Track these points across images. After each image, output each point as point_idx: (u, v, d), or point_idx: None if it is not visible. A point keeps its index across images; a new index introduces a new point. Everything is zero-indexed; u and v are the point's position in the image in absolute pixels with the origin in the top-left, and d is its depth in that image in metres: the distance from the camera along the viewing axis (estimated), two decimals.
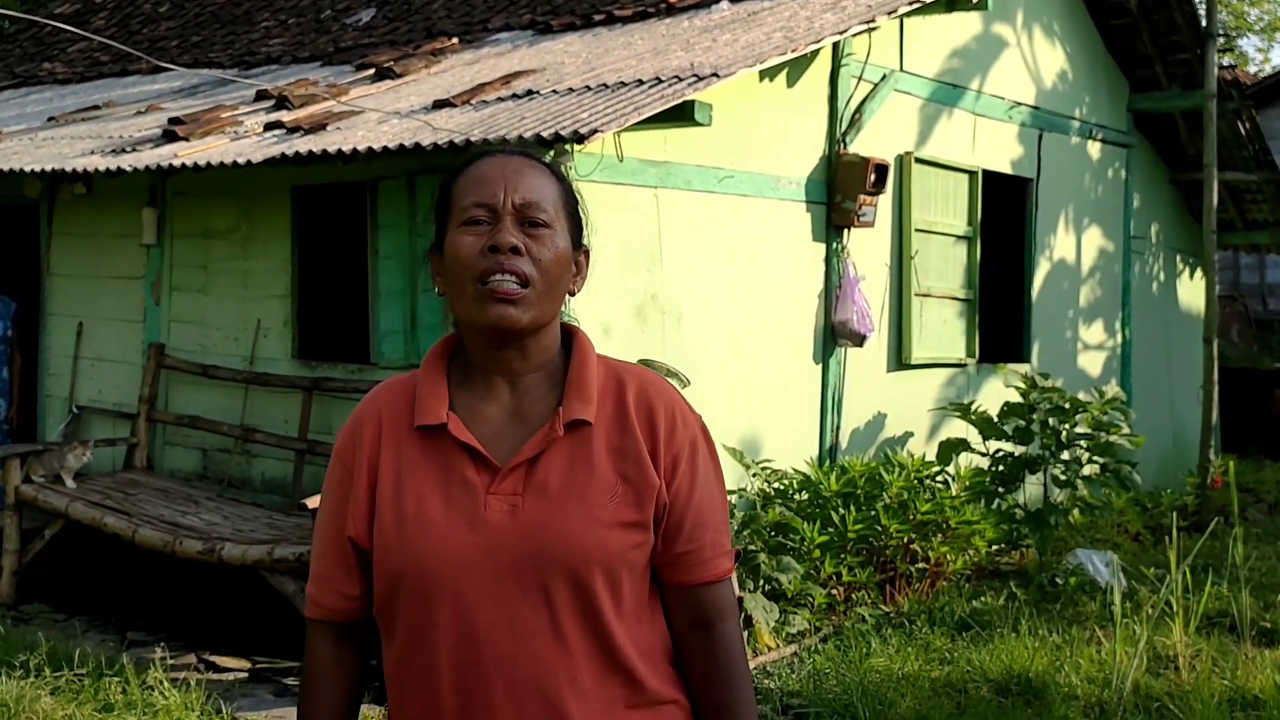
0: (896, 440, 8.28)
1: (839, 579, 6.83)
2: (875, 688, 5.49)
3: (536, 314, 1.83)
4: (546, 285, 1.83)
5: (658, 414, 1.87)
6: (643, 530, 1.83)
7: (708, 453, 1.93)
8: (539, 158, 1.92)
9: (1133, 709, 5.38)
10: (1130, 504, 8.72)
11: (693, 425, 1.91)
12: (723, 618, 1.91)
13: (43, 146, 8.27)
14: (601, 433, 1.84)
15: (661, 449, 1.85)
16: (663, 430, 1.86)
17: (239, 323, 7.51)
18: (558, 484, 1.81)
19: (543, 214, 1.84)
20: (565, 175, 1.94)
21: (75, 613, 6.84)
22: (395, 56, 8.76)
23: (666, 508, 1.85)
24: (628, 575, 1.82)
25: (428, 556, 1.80)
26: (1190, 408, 11.20)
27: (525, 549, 1.78)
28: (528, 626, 1.78)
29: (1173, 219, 11.49)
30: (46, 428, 8.36)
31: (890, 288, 8.31)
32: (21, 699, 5.04)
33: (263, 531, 6.43)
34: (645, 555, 1.84)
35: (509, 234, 1.81)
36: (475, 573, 1.79)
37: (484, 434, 1.85)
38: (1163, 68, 10.49)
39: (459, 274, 1.83)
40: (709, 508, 1.89)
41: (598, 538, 1.79)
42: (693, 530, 1.87)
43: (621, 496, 1.82)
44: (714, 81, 6.06)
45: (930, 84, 8.52)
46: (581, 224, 1.93)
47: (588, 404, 1.84)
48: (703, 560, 1.88)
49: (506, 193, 1.83)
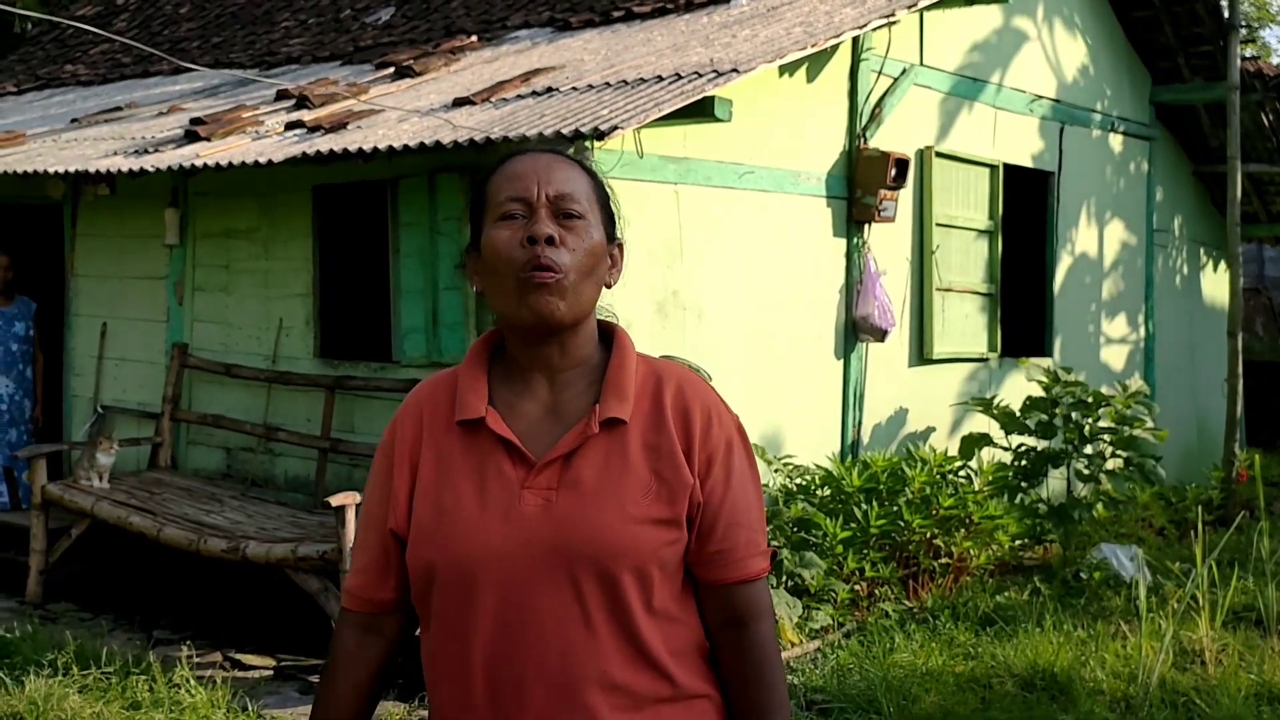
0: (918, 435, 8.26)
1: (862, 574, 6.82)
2: (899, 683, 5.48)
3: (573, 302, 1.85)
4: (581, 275, 1.86)
5: (694, 413, 1.89)
6: (675, 528, 1.84)
7: (744, 453, 1.94)
8: (569, 154, 1.97)
9: (1159, 704, 5.36)
10: (1154, 498, 8.68)
11: (729, 425, 1.92)
12: (757, 618, 1.92)
13: (66, 148, 8.32)
14: (637, 431, 1.87)
15: (696, 448, 1.87)
16: (698, 429, 1.88)
17: (261, 322, 7.54)
18: (592, 480, 1.83)
19: (576, 205, 1.87)
20: (596, 170, 1.97)
21: (101, 612, 6.89)
22: (415, 55, 8.77)
23: (701, 506, 1.87)
24: (659, 572, 1.83)
25: (461, 548, 1.83)
26: (1214, 401, 11.14)
27: (557, 543, 1.80)
28: (558, 619, 1.80)
29: (1196, 212, 11.42)
30: (72, 427, 8.41)
31: (911, 283, 8.29)
32: (50, 697, 5.08)
33: (286, 530, 6.46)
34: (678, 553, 1.86)
35: (545, 224, 1.84)
36: (508, 565, 1.81)
37: (522, 429, 1.88)
38: (1185, 59, 10.42)
39: (498, 267, 1.86)
40: (744, 506, 1.90)
41: (629, 534, 1.81)
42: (727, 529, 1.88)
43: (655, 494, 1.84)
44: (734, 77, 6.06)
45: (950, 78, 8.49)
46: (614, 217, 1.96)
47: (624, 402, 1.87)
48: (736, 559, 1.89)
49: (540, 186, 1.86)
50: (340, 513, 5.70)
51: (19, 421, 8.50)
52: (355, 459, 7.01)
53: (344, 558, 5.67)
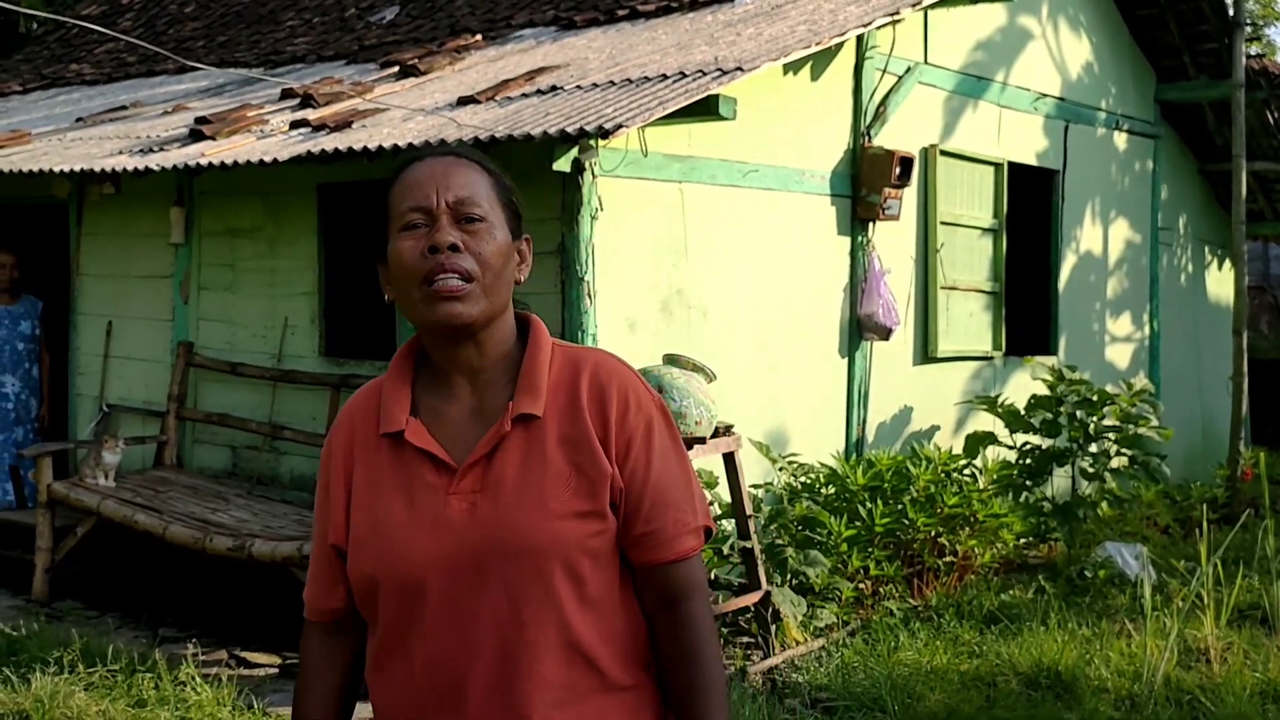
0: (923, 433, 8.26)
1: (866, 573, 6.82)
2: (904, 681, 5.48)
3: (485, 306, 1.86)
4: (491, 277, 1.86)
5: (610, 398, 1.89)
6: (598, 519, 1.85)
7: (666, 431, 1.93)
8: (469, 154, 1.95)
9: (1164, 702, 5.35)
10: (1159, 497, 8.68)
11: (648, 406, 1.92)
12: (689, 595, 1.92)
13: (71, 147, 8.33)
14: (554, 424, 1.87)
15: (614, 433, 1.87)
16: (614, 414, 1.88)
17: (266, 320, 7.55)
18: (512, 479, 1.84)
19: (477, 209, 1.87)
20: (496, 169, 1.96)
21: (107, 610, 6.90)
22: (419, 54, 8.78)
23: (623, 491, 1.88)
24: (589, 564, 1.84)
25: (396, 559, 1.85)
26: (1219, 400, 11.14)
27: (484, 546, 1.82)
28: (493, 620, 1.82)
29: (1201, 210, 11.42)
30: (77, 426, 8.42)
31: (916, 281, 8.28)
32: (56, 695, 5.09)
33: (292, 528, 6.47)
34: (607, 542, 1.86)
35: (446, 233, 1.84)
36: (439, 572, 1.83)
37: (447, 434, 1.90)
38: (1190, 57, 10.42)
39: (404, 279, 1.87)
40: (668, 486, 1.90)
41: (553, 530, 1.82)
42: (652, 510, 1.89)
43: (575, 487, 1.84)
44: (738, 75, 6.06)
45: (955, 76, 8.49)
46: (519, 213, 1.96)
47: (535, 398, 1.87)
48: (665, 539, 1.89)
49: (439, 193, 1.86)
50: None
51: (25, 420, 8.52)
52: None
53: None
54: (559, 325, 6.09)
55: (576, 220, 6.05)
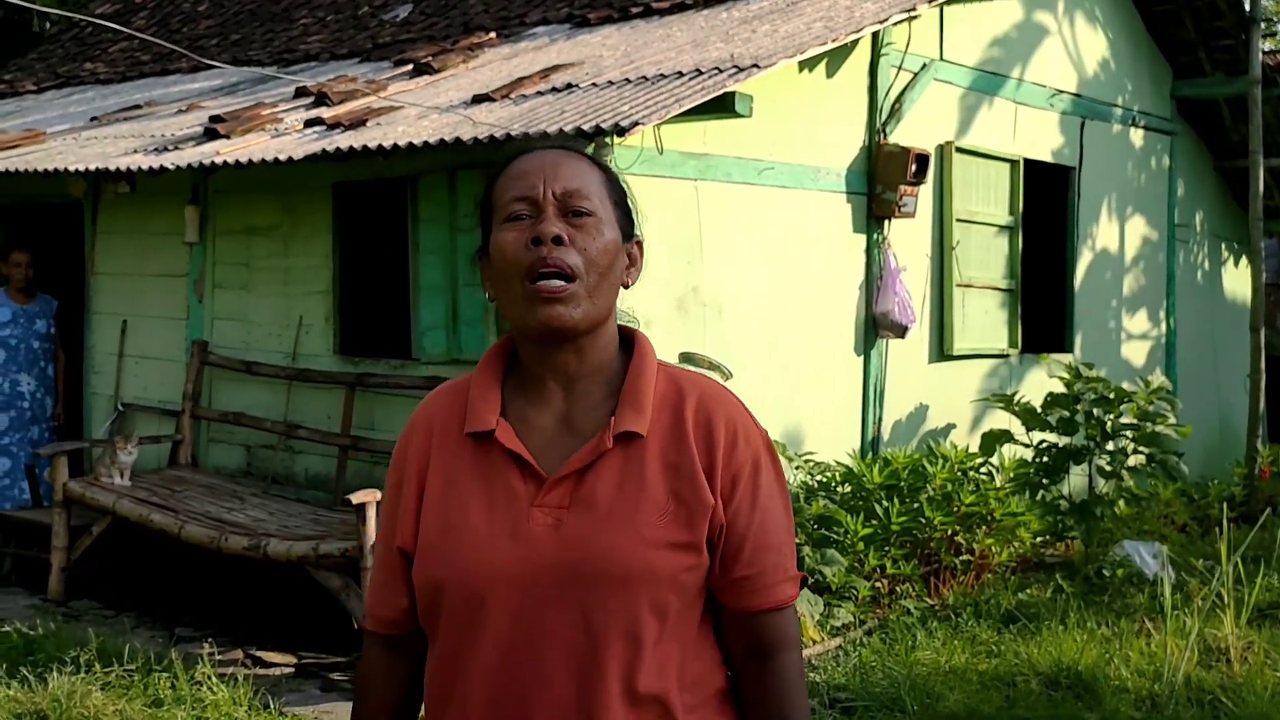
0: (939, 432, 8.23)
1: (883, 572, 6.79)
2: (922, 681, 5.45)
3: (588, 308, 1.74)
4: (596, 278, 1.75)
5: (717, 428, 1.76)
6: (694, 552, 1.73)
7: (772, 471, 1.81)
8: (579, 149, 1.85)
9: (1185, 702, 5.32)
10: (1177, 495, 8.64)
11: (756, 442, 1.80)
12: (783, 648, 1.81)
13: (86, 146, 8.34)
14: (655, 446, 1.75)
15: (719, 466, 1.75)
16: (722, 446, 1.76)
17: (281, 319, 7.54)
18: (605, 499, 1.72)
19: (585, 202, 1.77)
20: (608, 166, 1.88)
21: (123, 609, 6.90)
22: (433, 52, 8.77)
23: (724, 529, 1.75)
24: (676, 599, 1.73)
25: (467, 567, 1.74)
26: (1236, 397, 11.08)
27: (566, 565, 1.70)
28: (563, 646, 1.71)
29: (1217, 206, 11.36)
30: (92, 425, 8.43)
31: (931, 278, 8.25)
32: (73, 694, 5.08)
33: (307, 527, 6.46)
34: (698, 578, 1.75)
35: (551, 223, 1.74)
36: (513, 587, 1.72)
37: (535, 443, 1.78)
38: (1206, 53, 10.35)
39: (505, 272, 1.77)
40: (772, 529, 1.79)
41: (645, 558, 1.70)
42: (754, 553, 1.77)
43: (673, 515, 1.72)
44: (754, 72, 6.04)
45: (971, 72, 8.45)
46: (631, 214, 1.85)
47: (641, 415, 1.75)
48: (764, 585, 1.78)
49: (546, 184, 1.76)
50: (361, 510, 5.70)
51: (40, 419, 8.53)
52: (376, 456, 7.00)
53: (365, 555, 5.67)
54: None
55: None
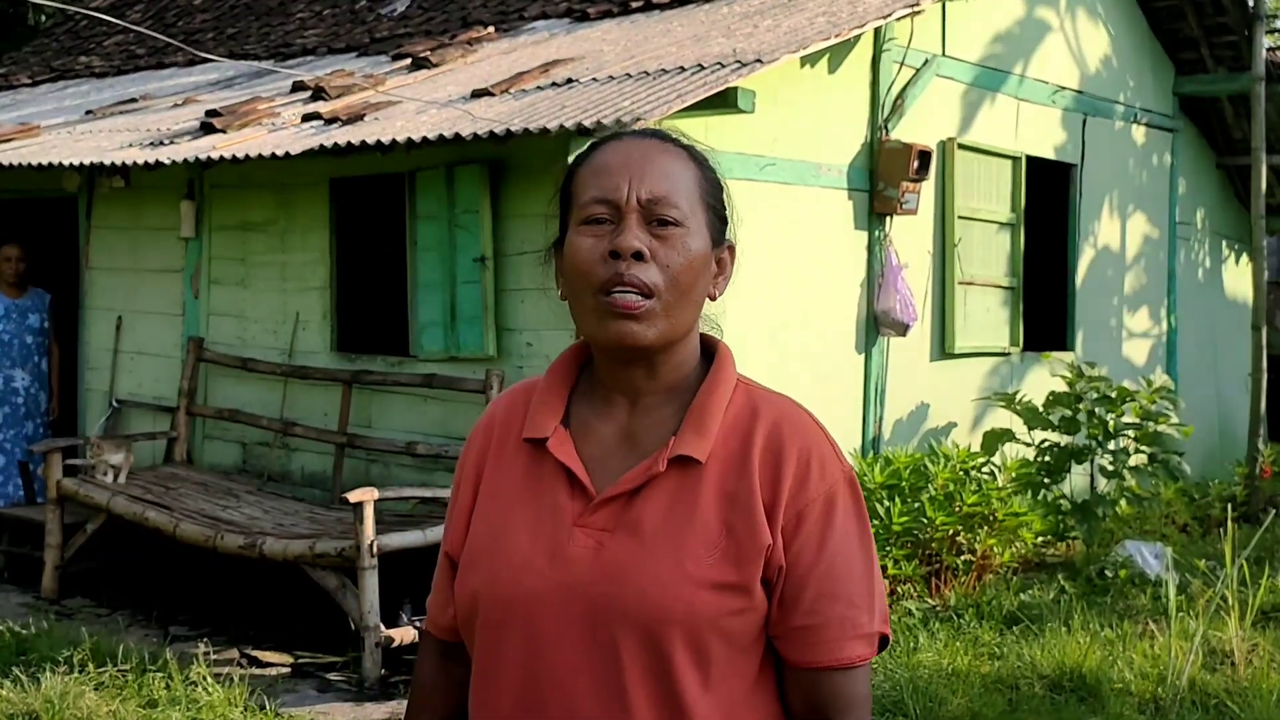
0: (940, 431, 8.17)
1: (884, 572, 6.74)
2: (925, 684, 5.40)
3: (664, 328, 1.59)
4: (676, 295, 1.58)
5: (787, 457, 1.59)
6: (742, 595, 1.56)
7: (852, 511, 1.61)
8: (675, 138, 1.66)
9: (1189, 706, 5.27)
10: (1178, 495, 8.59)
11: (834, 476, 1.61)
12: (845, 712, 1.60)
13: (81, 140, 8.27)
14: (715, 473, 1.59)
15: (784, 500, 1.57)
16: (789, 478, 1.58)
17: (278, 316, 7.48)
18: (652, 526, 1.57)
19: (674, 210, 1.59)
20: (707, 159, 1.68)
21: (117, 607, 6.84)
22: (431, 46, 8.70)
23: (783, 570, 1.57)
24: (721, 645, 1.55)
25: (501, 582, 1.63)
26: (1235, 396, 11.04)
27: (601, 594, 1.56)
28: (593, 681, 1.57)
29: (1219, 204, 11.31)
30: (87, 421, 8.36)
31: (933, 276, 8.19)
32: (66, 695, 5.03)
33: (304, 526, 6.40)
34: (750, 624, 1.57)
35: (633, 236, 1.57)
36: (547, 610, 1.59)
37: (593, 455, 1.64)
38: (1209, 50, 10.30)
39: (577, 281, 1.61)
40: (842, 575, 1.58)
41: (683, 596, 1.54)
42: (817, 601, 1.57)
43: (723, 551, 1.56)
44: (757, 67, 5.98)
45: (973, 69, 8.39)
46: (725, 216, 1.67)
47: (703, 439, 1.59)
48: (827, 640, 1.58)
49: (632, 185, 1.58)
50: (359, 509, 5.64)
51: (34, 415, 8.46)
52: (373, 454, 6.95)
53: (362, 555, 5.61)
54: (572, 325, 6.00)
55: None
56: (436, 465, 6.65)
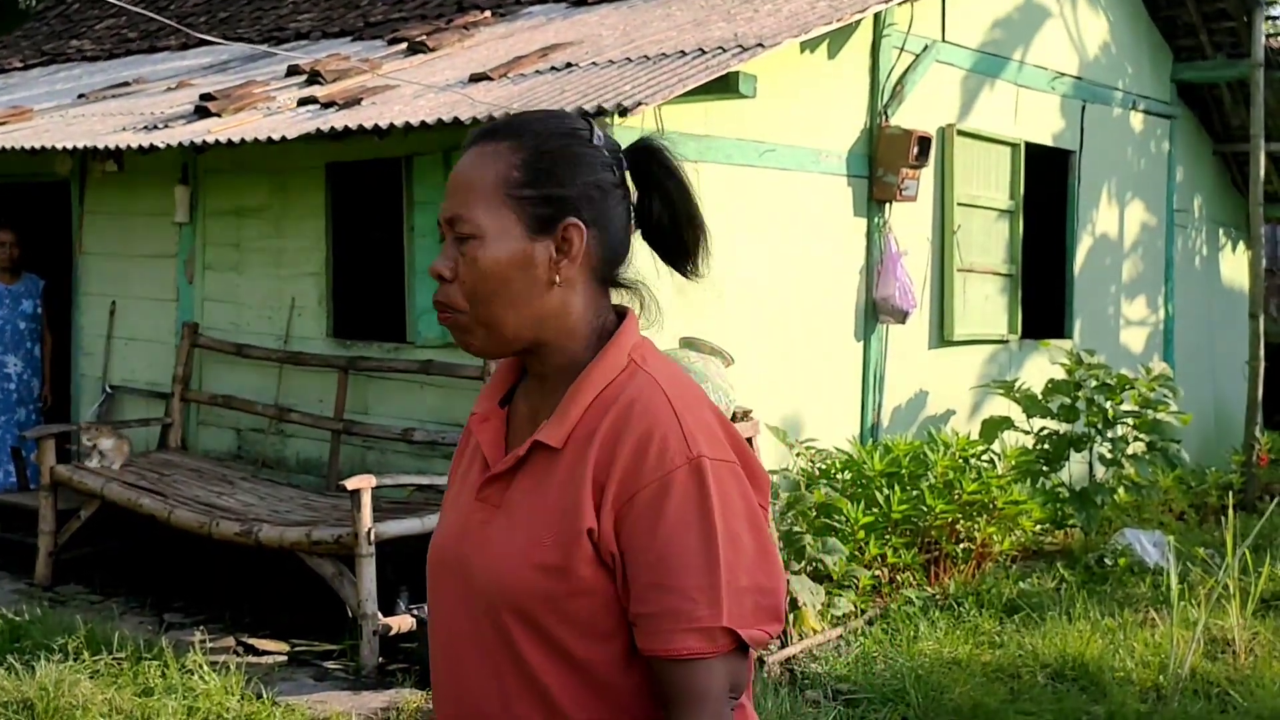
0: (938, 418, 8.14)
1: (883, 560, 6.71)
2: (926, 673, 5.37)
3: (484, 336, 1.65)
4: (481, 307, 1.63)
5: (625, 441, 1.57)
6: (561, 578, 1.56)
7: (690, 497, 1.54)
8: (500, 127, 1.67)
9: (1191, 695, 5.25)
10: (1175, 483, 8.58)
11: (674, 461, 1.55)
12: (681, 707, 1.54)
13: (74, 124, 8.19)
14: (569, 457, 1.60)
15: (614, 484, 1.55)
16: (623, 460, 1.56)
17: (273, 301, 7.42)
18: (515, 506, 1.63)
19: (466, 225, 1.62)
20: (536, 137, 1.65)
21: (112, 594, 6.78)
22: (427, 31, 8.63)
23: (617, 557, 1.56)
24: (566, 627, 1.57)
25: (433, 550, 1.75)
26: (1231, 383, 11.03)
27: (471, 567, 1.65)
28: (476, 649, 1.65)
29: (1216, 191, 11.28)
30: (80, 407, 8.30)
31: (932, 263, 8.16)
32: (61, 683, 4.98)
33: (299, 513, 6.35)
34: (593, 608, 1.57)
35: (439, 260, 1.65)
36: (449, 578, 1.70)
37: (515, 431, 1.73)
38: (1207, 36, 10.26)
39: None
40: (675, 567, 1.53)
41: (516, 575, 1.58)
42: (646, 590, 1.54)
43: (556, 534, 1.57)
44: (759, 52, 5.92)
45: (972, 54, 8.34)
46: (552, 197, 1.63)
47: (561, 425, 1.61)
48: (658, 630, 1.54)
49: (445, 204, 1.66)
50: (356, 496, 5.59)
51: (27, 401, 8.40)
52: (369, 441, 6.90)
53: (360, 542, 5.57)
54: None
55: None
56: (434, 452, 6.60)
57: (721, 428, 1.62)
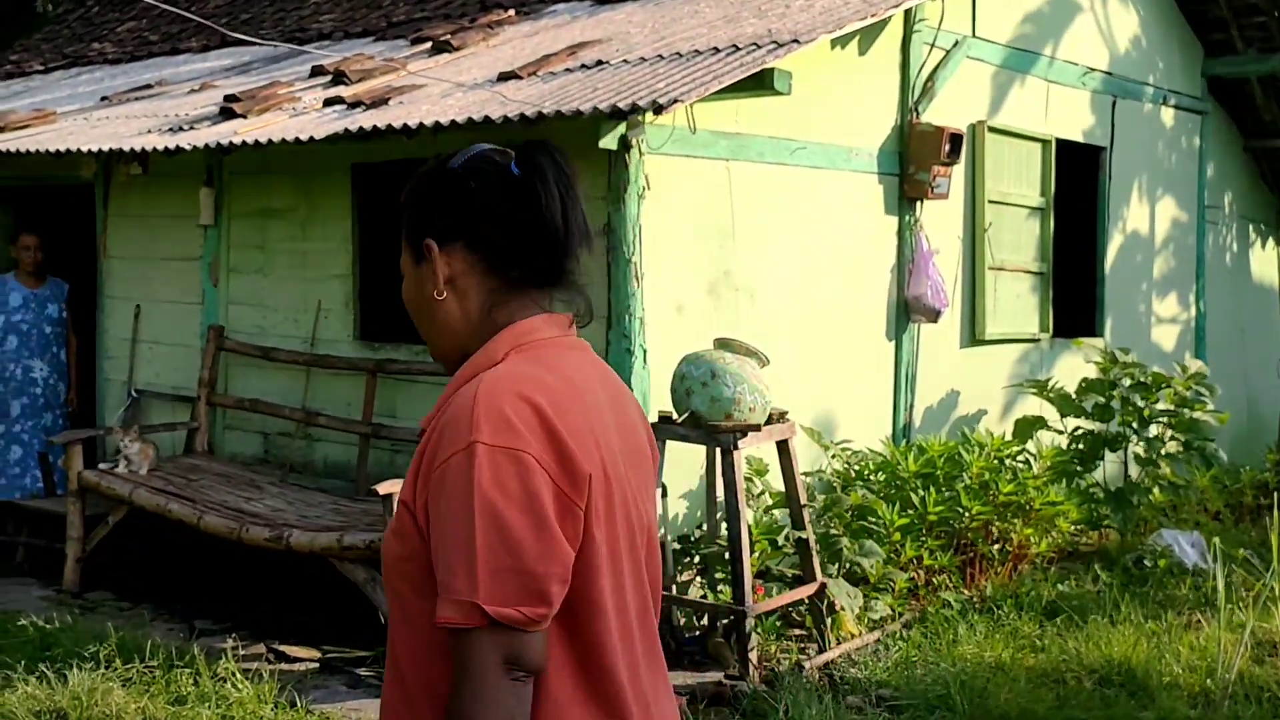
0: (971, 418, 8.04)
1: (919, 562, 6.62)
2: (969, 678, 5.28)
3: (434, 350, 1.90)
4: (421, 325, 1.89)
5: (436, 427, 1.74)
6: (402, 542, 1.73)
7: (462, 477, 1.64)
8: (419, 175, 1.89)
9: (1241, 699, 5.15)
10: (1211, 482, 8.46)
11: (457, 442, 1.66)
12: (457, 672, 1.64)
13: (98, 126, 8.14)
14: (425, 439, 1.78)
15: (425, 462, 1.72)
16: (432, 444, 1.72)
17: (299, 304, 7.36)
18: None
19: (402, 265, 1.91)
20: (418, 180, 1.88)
21: (140, 601, 6.73)
22: (451, 30, 8.56)
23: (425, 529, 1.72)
24: (406, 586, 1.73)
25: None
26: (1263, 381, 10.90)
27: None
28: None
29: (1246, 188, 11.15)
30: (106, 411, 8.25)
31: (963, 261, 8.06)
32: (94, 692, 4.93)
33: (329, 518, 6.29)
34: (417, 568, 1.71)
35: None
36: None
37: None
38: (1238, 30, 10.13)
39: None
40: (443, 543, 1.65)
41: (385, 543, 1.78)
42: (435, 562, 1.69)
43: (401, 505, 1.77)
44: (794, 48, 5.84)
45: (1003, 50, 8.24)
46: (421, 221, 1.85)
47: (432, 413, 1.80)
48: (438, 599, 1.66)
49: None
50: (388, 501, 5.52)
51: (54, 405, 8.35)
52: (397, 444, 6.83)
53: None
54: (604, 309, 5.89)
55: (623, 199, 5.84)
56: None
57: (536, 418, 1.67)
